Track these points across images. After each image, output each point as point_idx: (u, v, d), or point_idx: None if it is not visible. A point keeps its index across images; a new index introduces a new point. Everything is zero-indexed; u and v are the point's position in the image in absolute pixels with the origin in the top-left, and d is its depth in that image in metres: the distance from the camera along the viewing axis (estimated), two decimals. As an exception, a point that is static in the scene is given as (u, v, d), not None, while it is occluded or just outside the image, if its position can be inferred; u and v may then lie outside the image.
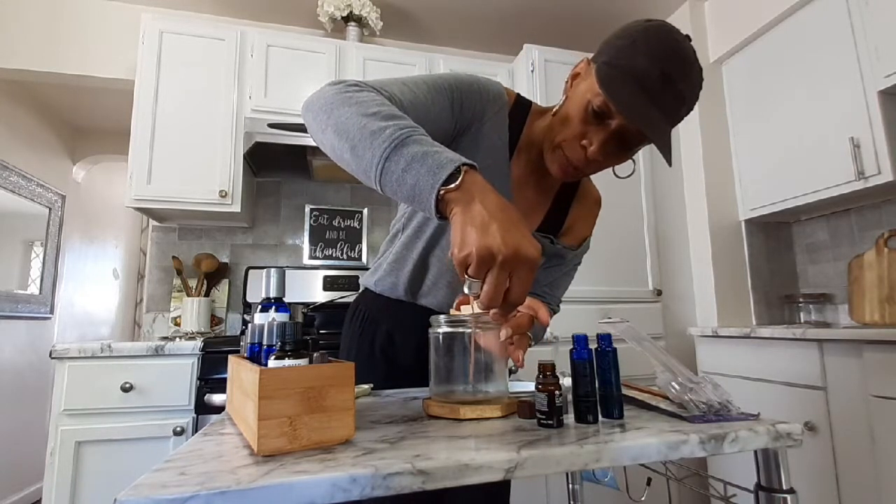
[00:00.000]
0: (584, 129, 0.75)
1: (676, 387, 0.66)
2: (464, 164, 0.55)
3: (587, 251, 1.01)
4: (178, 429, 1.56)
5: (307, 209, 2.46)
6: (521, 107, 0.87)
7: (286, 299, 0.80)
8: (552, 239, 0.91)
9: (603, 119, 0.73)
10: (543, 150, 0.82)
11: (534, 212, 0.90)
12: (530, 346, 0.77)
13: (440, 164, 0.55)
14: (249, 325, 0.75)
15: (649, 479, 0.88)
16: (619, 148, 0.75)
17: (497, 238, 0.51)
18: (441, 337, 0.72)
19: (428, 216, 0.61)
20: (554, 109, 0.82)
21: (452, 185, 0.54)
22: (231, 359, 0.74)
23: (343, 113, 0.62)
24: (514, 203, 0.85)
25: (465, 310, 0.74)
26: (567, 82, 0.81)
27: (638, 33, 0.71)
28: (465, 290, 0.55)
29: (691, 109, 0.73)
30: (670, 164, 0.72)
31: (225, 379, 1.59)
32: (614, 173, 0.84)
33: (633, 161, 0.81)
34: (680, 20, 2.49)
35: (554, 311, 0.97)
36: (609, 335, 0.68)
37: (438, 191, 0.54)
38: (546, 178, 0.88)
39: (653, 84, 0.68)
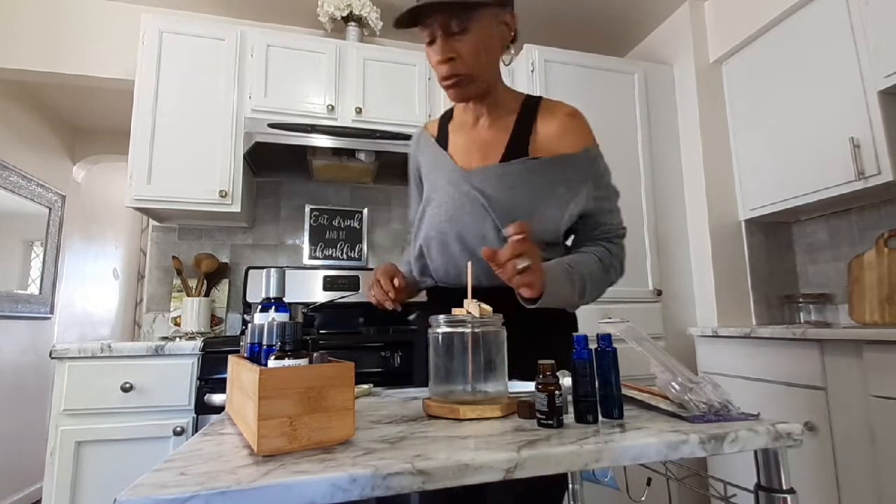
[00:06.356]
0: (433, 58, 0.93)
1: (676, 387, 0.66)
2: None
3: (597, 161, 0.97)
4: (178, 429, 1.56)
5: (307, 209, 2.46)
6: (445, 115, 1.12)
7: (286, 299, 0.80)
8: (525, 160, 0.97)
9: (430, 43, 0.92)
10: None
11: (494, 148, 1.00)
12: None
13: None
14: (249, 325, 0.75)
15: (649, 479, 0.88)
16: (445, 37, 0.90)
17: None
18: (441, 337, 0.72)
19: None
20: None
21: None
22: (231, 359, 0.74)
23: None
24: (467, 157, 1.02)
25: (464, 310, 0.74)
26: None
27: None
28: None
29: None
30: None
31: (225, 379, 1.59)
32: (504, 63, 0.99)
33: (511, 49, 0.99)
34: (680, 20, 2.49)
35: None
36: (609, 335, 0.68)
37: None
38: (493, 124, 1.01)
39: None
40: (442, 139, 1.07)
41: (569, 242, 1.04)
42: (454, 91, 0.94)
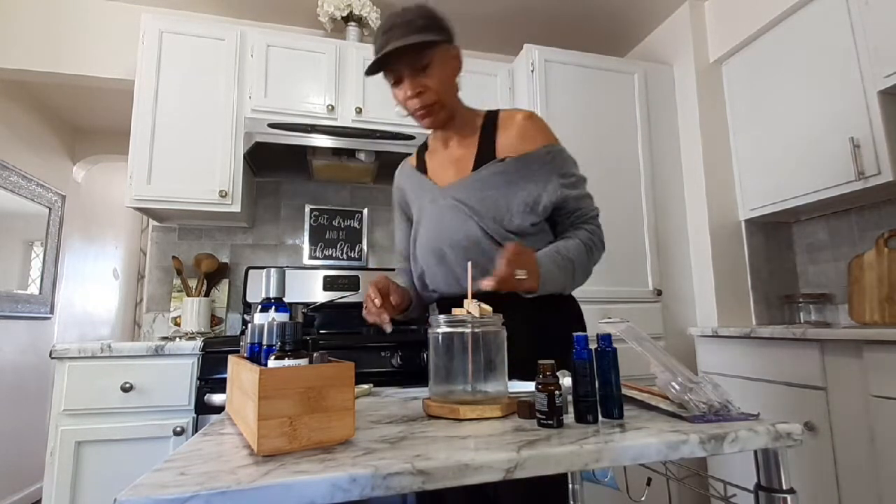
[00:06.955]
0: (400, 96, 1.04)
1: (676, 387, 0.66)
2: None
3: (558, 155, 1.07)
4: (178, 429, 1.56)
5: (307, 209, 2.46)
6: (421, 147, 1.24)
7: (286, 299, 0.80)
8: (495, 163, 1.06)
9: (395, 84, 1.04)
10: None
11: (465, 162, 1.10)
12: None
13: None
14: (249, 325, 0.75)
15: (649, 479, 0.88)
16: (412, 75, 1.01)
17: None
18: (441, 337, 0.72)
19: None
20: None
21: None
22: (231, 359, 0.74)
23: None
24: (444, 176, 1.13)
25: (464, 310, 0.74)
26: None
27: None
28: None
29: (419, 19, 0.99)
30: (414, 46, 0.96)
31: (225, 379, 1.59)
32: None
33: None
34: (680, 20, 2.49)
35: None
36: (609, 335, 0.68)
37: None
38: (461, 143, 1.12)
39: (378, 42, 0.99)
40: (421, 166, 1.20)
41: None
42: (428, 119, 1.05)
